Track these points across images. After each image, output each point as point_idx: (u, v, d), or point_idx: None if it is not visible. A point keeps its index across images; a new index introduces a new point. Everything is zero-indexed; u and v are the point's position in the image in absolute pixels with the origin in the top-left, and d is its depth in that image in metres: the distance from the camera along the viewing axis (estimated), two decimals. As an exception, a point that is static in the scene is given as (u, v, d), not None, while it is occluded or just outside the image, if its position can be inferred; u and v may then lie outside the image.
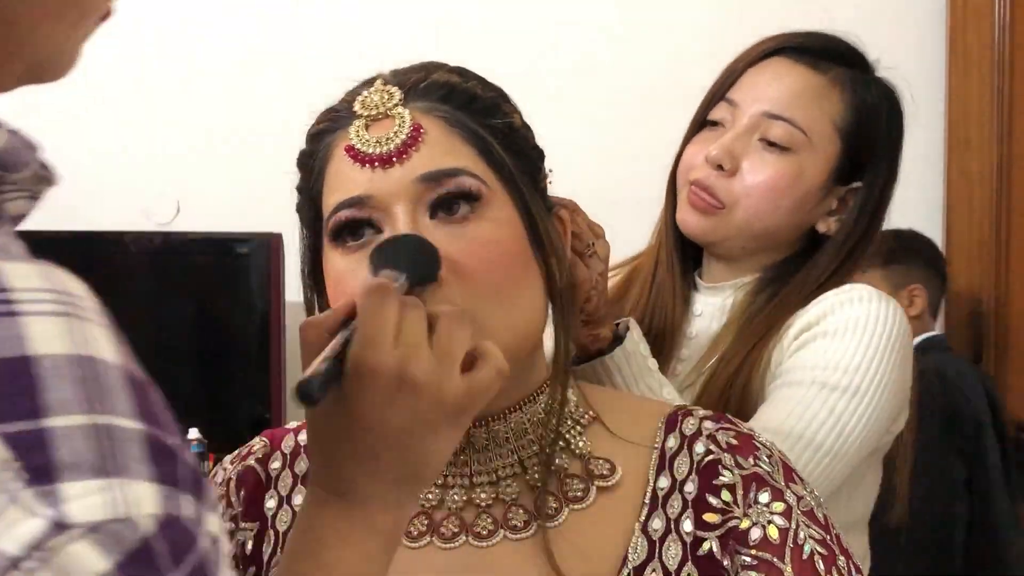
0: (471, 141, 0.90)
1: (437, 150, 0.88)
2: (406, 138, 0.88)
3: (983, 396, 2.37)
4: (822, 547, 0.90)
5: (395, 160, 0.88)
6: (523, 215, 0.91)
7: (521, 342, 0.91)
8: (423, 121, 0.89)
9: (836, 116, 1.38)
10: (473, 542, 0.93)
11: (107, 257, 2.94)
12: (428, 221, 0.88)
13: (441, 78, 0.92)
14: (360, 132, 0.90)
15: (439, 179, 0.88)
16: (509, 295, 0.89)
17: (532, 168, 0.95)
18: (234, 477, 1.02)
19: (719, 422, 0.96)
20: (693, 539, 0.90)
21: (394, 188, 0.88)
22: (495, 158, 0.90)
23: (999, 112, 2.53)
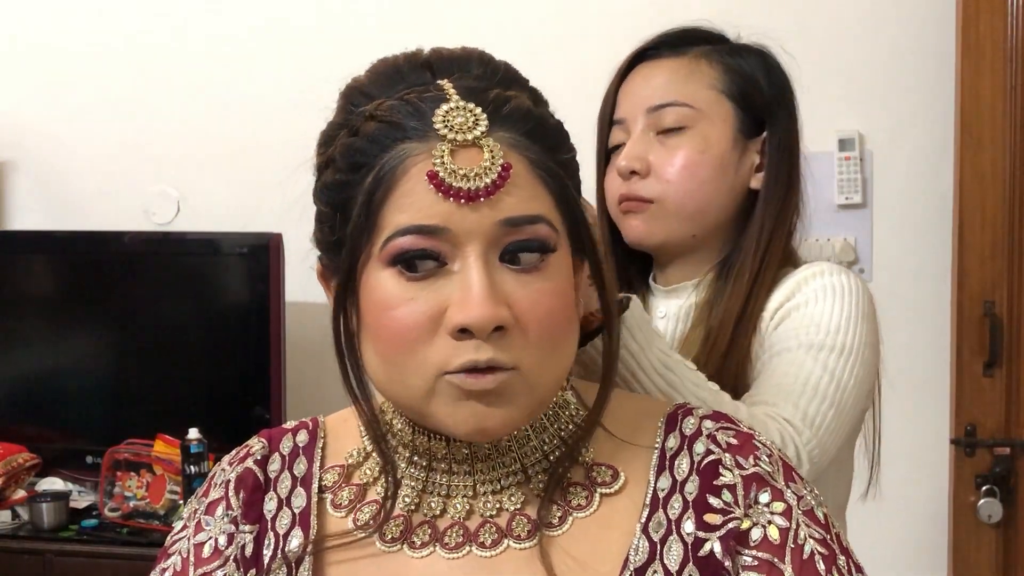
0: (550, 185, 0.88)
1: (523, 193, 0.87)
2: (496, 178, 0.86)
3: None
4: (822, 547, 0.90)
5: (482, 198, 0.85)
6: (579, 249, 0.92)
7: (553, 390, 0.92)
8: (510, 157, 0.87)
9: (713, 82, 1.43)
10: (478, 552, 0.93)
11: (107, 257, 2.94)
12: (499, 264, 0.87)
13: (522, 104, 0.89)
14: (446, 159, 0.86)
15: (521, 225, 0.86)
16: (559, 347, 0.89)
17: (577, 200, 0.94)
18: (233, 479, 1.02)
19: (719, 421, 0.96)
20: (694, 540, 0.90)
21: (475, 227, 0.86)
22: (568, 203, 0.90)
23: (1012, 109, 2.50)
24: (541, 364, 0.88)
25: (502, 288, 0.86)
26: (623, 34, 1.60)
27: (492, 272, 0.86)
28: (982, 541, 2.55)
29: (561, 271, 0.89)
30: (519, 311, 0.86)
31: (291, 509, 0.99)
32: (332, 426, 1.04)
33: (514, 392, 0.87)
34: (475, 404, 0.87)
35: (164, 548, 1.02)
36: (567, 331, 0.90)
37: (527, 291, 0.86)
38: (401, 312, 0.86)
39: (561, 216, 0.89)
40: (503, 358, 0.86)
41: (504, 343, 0.85)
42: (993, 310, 2.52)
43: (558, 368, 0.90)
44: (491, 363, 0.85)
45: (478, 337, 0.85)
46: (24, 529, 2.68)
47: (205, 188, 3.05)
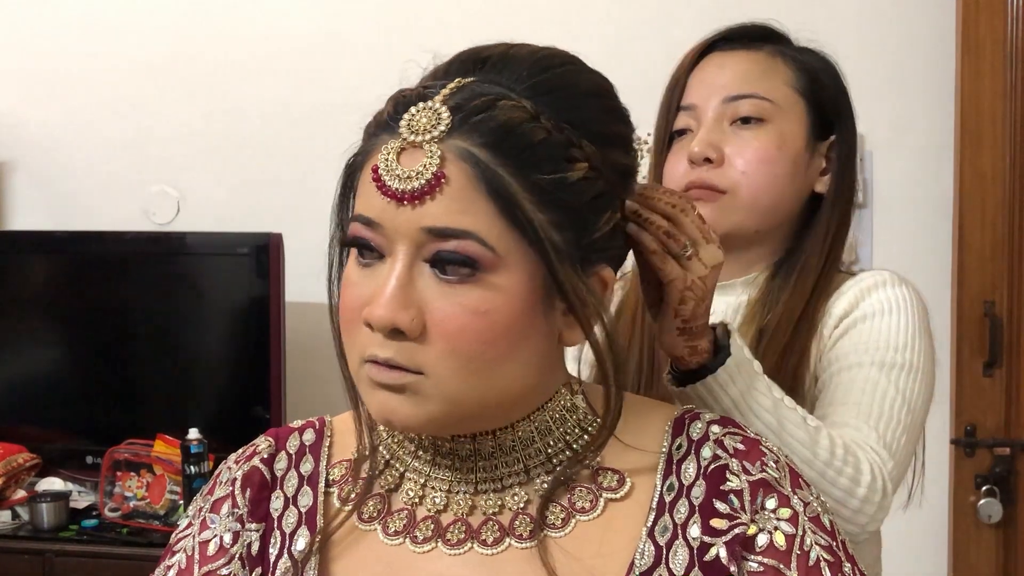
0: (495, 200, 0.85)
1: (453, 205, 0.85)
2: (425, 183, 0.85)
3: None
4: (828, 553, 0.90)
5: (407, 202, 0.86)
6: (544, 274, 0.88)
7: (495, 404, 0.91)
8: (452, 167, 0.85)
9: (789, 80, 1.42)
10: (479, 549, 0.93)
11: (107, 257, 2.94)
12: (425, 269, 0.87)
13: (502, 115, 0.87)
14: (389, 157, 0.87)
15: (444, 236, 0.85)
16: (482, 366, 0.87)
17: (582, 222, 0.90)
18: (239, 477, 1.02)
19: (726, 426, 0.96)
20: (700, 545, 0.90)
21: (401, 228, 0.86)
22: (518, 220, 0.86)
23: (1012, 109, 2.50)
24: (453, 377, 0.87)
25: (421, 294, 0.86)
26: (625, 35, 1.59)
27: (414, 275, 0.87)
28: (982, 541, 2.55)
29: (499, 289, 0.86)
30: (431, 320, 0.86)
31: (297, 508, 0.99)
32: (339, 426, 1.05)
33: (421, 395, 0.88)
34: (384, 394, 0.89)
35: (169, 546, 1.03)
36: (492, 350, 0.87)
37: (445, 302, 0.86)
38: (347, 294, 0.90)
39: (512, 235, 0.86)
40: (402, 360, 0.87)
41: (406, 346, 0.86)
42: (993, 310, 2.52)
43: (486, 384, 0.88)
44: (389, 361, 0.87)
45: (380, 334, 0.87)
46: (24, 529, 2.68)
47: (205, 188, 3.04)
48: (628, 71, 2.74)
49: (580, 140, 0.89)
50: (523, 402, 0.94)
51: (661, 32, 2.79)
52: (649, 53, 2.79)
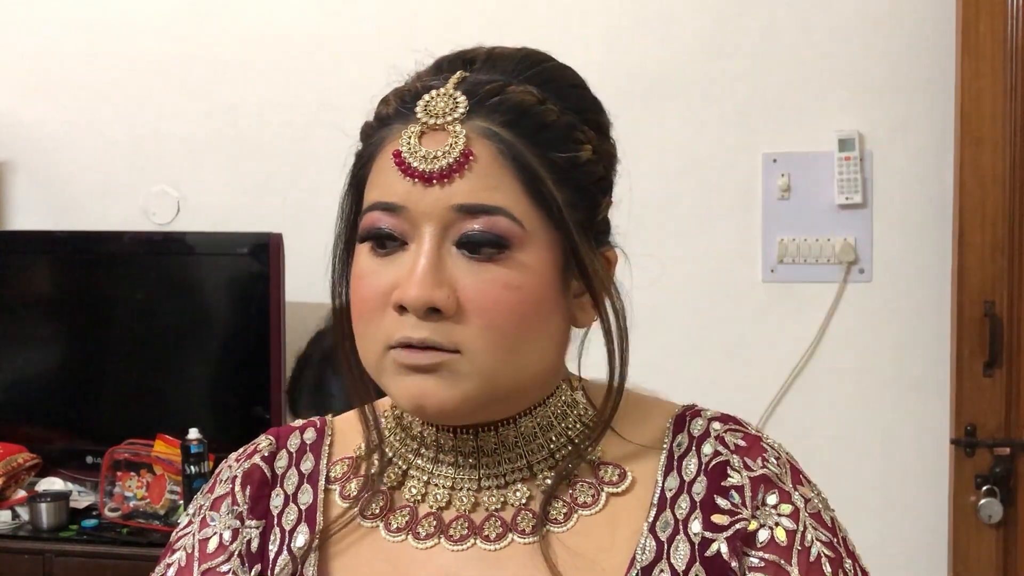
0: (521, 176, 0.88)
1: (482, 182, 0.87)
2: (453, 161, 0.87)
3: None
4: (829, 549, 0.91)
5: (436, 181, 0.87)
6: (564, 253, 0.90)
7: (523, 384, 0.92)
8: (477, 145, 0.87)
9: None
10: (482, 545, 0.93)
11: (107, 257, 2.94)
12: (453, 250, 0.88)
13: (515, 97, 0.89)
14: (412, 140, 0.88)
15: (475, 213, 0.87)
16: (516, 342, 0.88)
17: (590, 203, 0.93)
18: (239, 474, 1.02)
19: (727, 423, 0.96)
20: (701, 540, 0.91)
21: (429, 208, 0.87)
22: (543, 197, 0.88)
23: (1012, 109, 2.50)
24: (489, 352, 0.87)
25: (451, 272, 0.87)
26: (626, 36, 1.59)
27: (443, 255, 0.88)
28: (982, 541, 2.55)
29: (526, 267, 0.88)
30: (465, 297, 0.87)
31: (297, 505, 0.99)
32: (340, 425, 1.05)
33: (456, 373, 0.88)
34: (416, 378, 0.88)
35: (169, 544, 1.03)
36: (525, 324, 0.88)
37: (476, 279, 0.87)
38: (364, 285, 0.90)
39: (535, 211, 0.89)
40: (439, 339, 0.87)
41: (442, 325, 0.87)
42: (993, 310, 2.52)
43: (520, 360, 0.89)
44: (425, 342, 0.87)
45: (415, 316, 0.87)
46: (24, 529, 2.68)
47: (205, 188, 3.04)
48: (629, 71, 2.75)
49: (581, 124, 0.92)
50: (536, 389, 0.94)
51: (660, 33, 2.79)
52: (649, 53, 2.80)
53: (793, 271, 2.75)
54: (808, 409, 2.74)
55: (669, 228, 2.76)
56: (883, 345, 2.72)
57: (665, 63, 2.79)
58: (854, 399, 2.73)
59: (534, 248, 0.88)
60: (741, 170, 2.76)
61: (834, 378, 2.73)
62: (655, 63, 2.79)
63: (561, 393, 0.97)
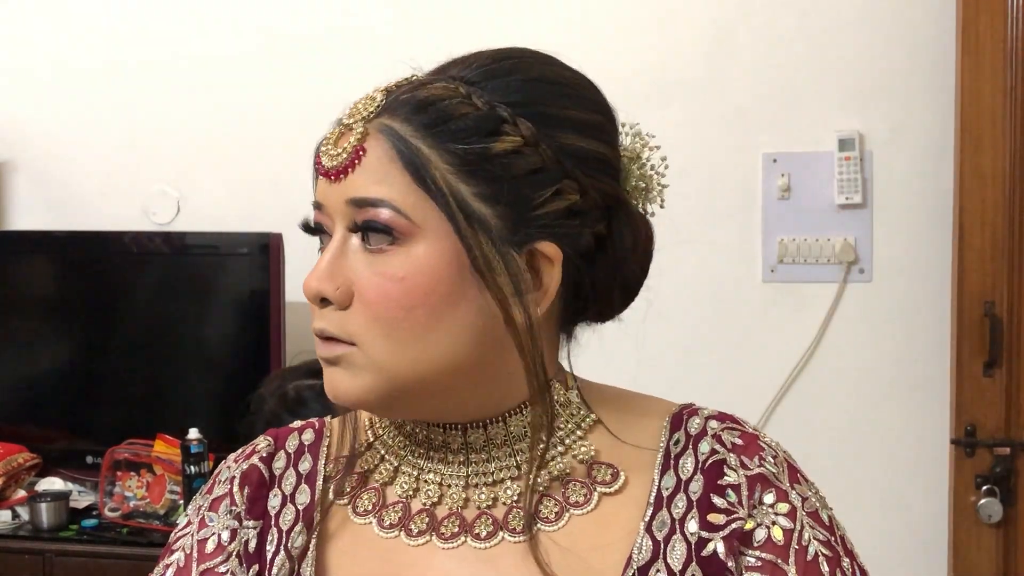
0: (408, 168, 0.89)
1: (370, 176, 0.90)
2: (346, 157, 0.91)
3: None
4: (826, 548, 0.90)
5: (334, 178, 0.91)
6: (467, 248, 0.89)
7: (433, 377, 0.91)
8: (372, 141, 0.90)
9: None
10: (473, 543, 0.93)
11: (107, 257, 2.94)
12: (356, 243, 0.91)
13: (423, 92, 0.91)
14: (329, 140, 0.93)
15: (362, 206, 0.90)
16: (407, 334, 0.89)
17: (514, 196, 0.90)
18: (238, 475, 1.02)
19: (724, 421, 0.96)
20: (698, 540, 0.90)
21: (334, 204, 0.92)
22: (430, 189, 0.89)
23: (1012, 109, 2.49)
24: (380, 344, 0.89)
25: (352, 266, 0.91)
26: (626, 36, 1.59)
27: (347, 250, 0.91)
28: (982, 541, 2.55)
29: (415, 258, 0.89)
30: (356, 290, 0.90)
31: (295, 506, 1.00)
32: (337, 426, 1.05)
33: (355, 365, 0.91)
34: (329, 369, 0.92)
35: (168, 544, 1.03)
36: (413, 317, 0.88)
37: (368, 271, 0.90)
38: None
39: (429, 204, 0.88)
40: (334, 331, 0.91)
41: (339, 316, 0.91)
42: (993, 310, 2.52)
43: (415, 351, 0.89)
44: (322, 332, 0.92)
45: (316, 307, 0.92)
46: (24, 529, 2.68)
47: (205, 188, 3.05)
48: (629, 71, 2.75)
49: (515, 118, 0.90)
50: (467, 383, 0.92)
51: (660, 33, 2.79)
52: (649, 54, 2.80)
53: (793, 271, 2.75)
54: (808, 409, 2.74)
55: (669, 228, 2.75)
56: (883, 345, 2.72)
57: (665, 63, 2.79)
58: (854, 399, 2.73)
59: (425, 241, 0.89)
60: (741, 170, 2.76)
61: (834, 378, 2.73)
62: (655, 63, 2.79)
63: (555, 392, 0.96)
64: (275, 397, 2.11)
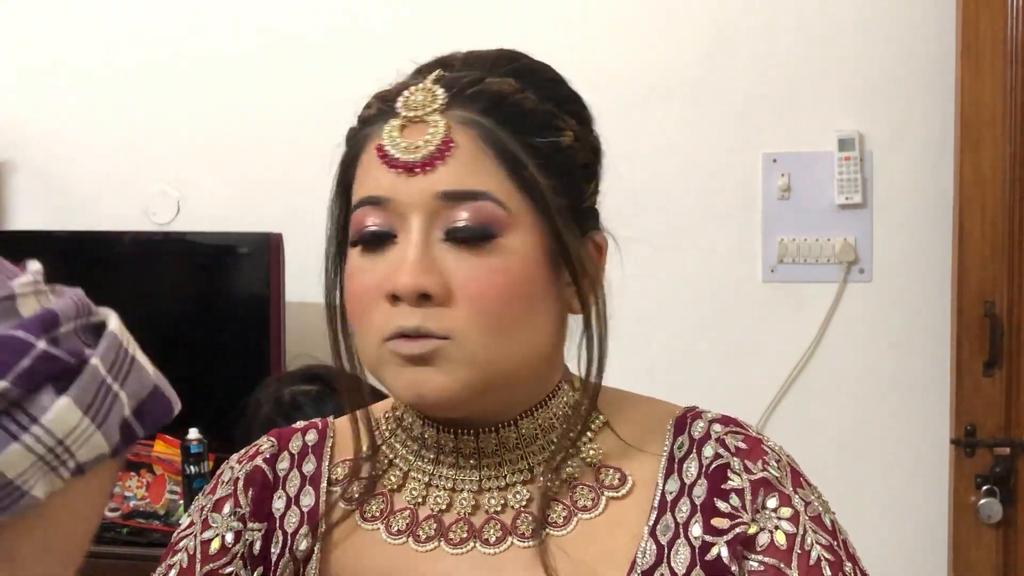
0: (503, 161, 0.89)
1: (465, 168, 0.88)
2: (434, 150, 0.88)
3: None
4: (829, 553, 0.90)
5: (418, 170, 0.88)
6: (550, 240, 0.91)
7: (518, 370, 0.91)
8: (458, 133, 0.89)
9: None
10: (481, 548, 0.93)
11: (107, 257, 2.94)
12: (441, 240, 0.89)
13: (493, 86, 0.91)
14: (393, 133, 0.90)
15: (459, 199, 0.88)
16: (506, 326, 0.89)
17: (574, 188, 0.94)
18: (242, 476, 1.02)
19: (728, 425, 0.96)
20: (702, 544, 0.90)
21: (414, 198, 0.88)
22: (526, 180, 0.89)
23: (1012, 109, 2.49)
24: (480, 338, 0.88)
25: (441, 261, 0.88)
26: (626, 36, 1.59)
27: (431, 245, 0.89)
28: (982, 541, 2.55)
29: (513, 251, 0.89)
30: (455, 284, 0.88)
31: (299, 508, 0.99)
32: (341, 427, 1.05)
33: (448, 360, 0.88)
34: (413, 370, 0.89)
35: (170, 545, 1.03)
36: (514, 308, 0.89)
37: (465, 266, 0.88)
38: (356, 282, 0.91)
39: (520, 194, 0.89)
40: (431, 326, 0.88)
41: (435, 312, 0.87)
42: (993, 310, 2.52)
43: (511, 346, 0.89)
44: (418, 330, 0.88)
45: (407, 304, 0.88)
46: (24, 529, 2.68)
47: (205, 188, 3.04)
48: (629, 71, 2.75)
49: (561, 113, 0.93)
50: (533, 378, 0.94)
51: (660, 33, 2.79)
52: (649, 54, 2.80)
53: (793, 271, 2.75)
54: (808, 409, 2.74)
55: (669, 228, 2.75)
56: (883, 345, 2.72)
57: (665, 63, 2.79)
58: (854, 399, 2.73)
59: (520, 232, 0.89)
60: (741, 170, 2.76)
61: (834, 378, 2.73)
62: (655, 63, 2.79)
63: (563, 395, 0.97)
64: (270, 402, 2.11)
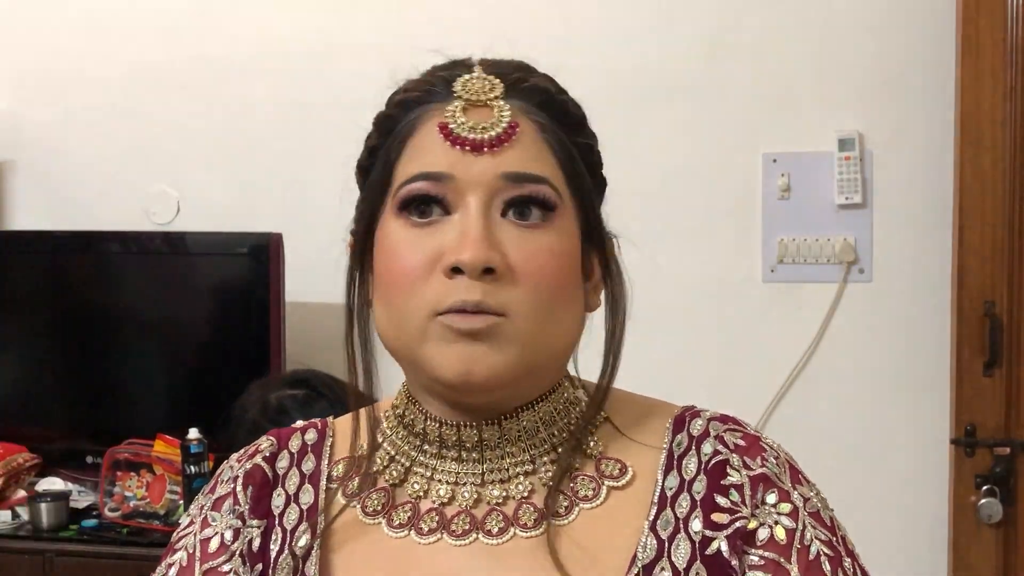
0: (558, 152, 0.93)
1: (527, 153, 0.91)
2: (502, 132, 0.91)
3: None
4: (828, 548, 0.91)
5: (486, 149, 0.90)
6: (587, 233, 0.95)
7: (549, 356, 0.93)
8: (521, 119, 0.92)
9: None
10: (484, 539, 0.94)
11: (107, 257, 2.94)
12: (499, 218, 0.91)
13: (540, 83, 0.95)
14: (457, 114, 0.92)
15: (523, 181, 0.90)
16: (554, 308, 0.91)
17: (600, 190, 0.99)
18: (241, 475, 1.02)
19: (726, 423, 0.97)
20: (702, 538, 0.91)
21: (478, 176, 0.90)
22: (576, 173, 0.93)
23: (1012, 110, 2.49)
24: (532, 316, 0.89)
25: (499, 237, 0.90)
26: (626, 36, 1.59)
27: (491, 222, 0.90)
28: (982, 541, 2.55)
29: (563, 235, 0.92)
30: (513, 260, 0.89)
31: (299, 505, 1.00)
32: (341, 426, 1.05)
33: (503, 338, 0.89)
34: (464, 346, 0.89)
35: (170, 544, 1.03)
36: (563, 292, 0.92)
37: (524, 243, 0.90)
38: (403, 254, 0.91)
39: (567, 187, 0.93)
40: (491, 302, 0.88)
41: (494, 287, 0.88)
42: (993, 310, 2.52)
43: (555, 328, 0.92)
44: (479, 306, 0.88)
45: (469, 277, 0.88)
46: (24, 529, 2.68)
47: (205, 188, 3.05)
48: (629, 71, 2.75)
49: (587, 122, 0.98)
50: (554, 369, 0.96)
51: (660, 33, 2.79)
52: (649, 54, 2.80)
53: (793, 271, 2.75)
54: (808, 409, 2.74)
55: (669, 228, 2.76)
56: (883, 345, 2.72)
57: (665, 63, 2.79)
58: (854, 399, 2.73)
59: (566, 220, 0.93)
60: (741, 170, 2.76)
61: (834, 378, 2.74)
62: (655, 63, 2.79)
63: (564, 390, 0.98)
64: (257, 407, 2.11)
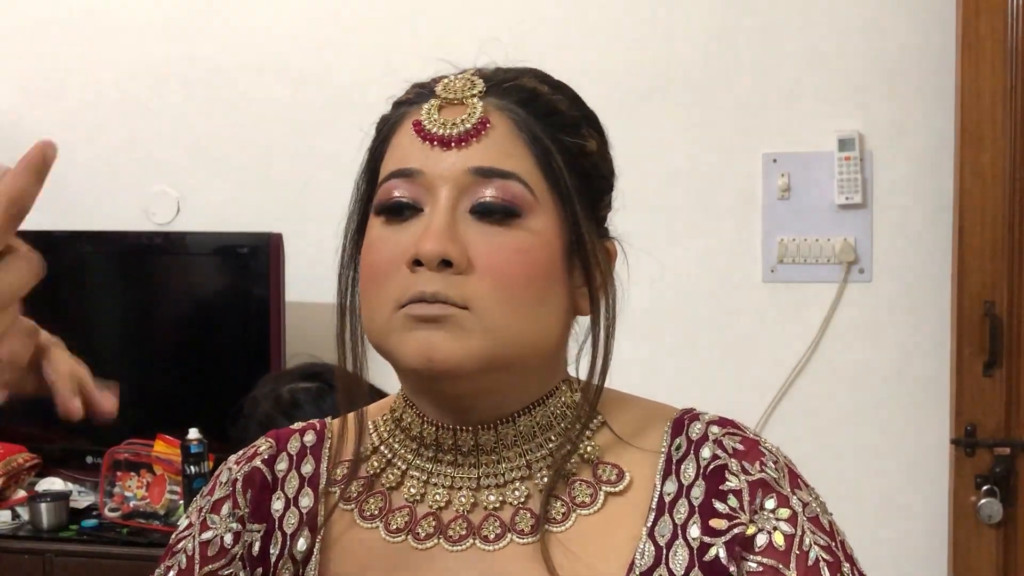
0: (533, 148, 0.92)
1: (497, 149, 0.91)
2: (471, 127, 0.91)
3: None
4: (827, 553, 0.90)
5: (454, 145, 0.91)
6: (569, 232, 0.93)
7: (528, 353, 0.92)
8: (493, 116, 0.92)
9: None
10: (480, 545, 0.93)
11: (107, 257, 2.94)
12: (467, 215, 0.91)
13: (528, 84, 0.95)
14: (431, 111, 0.93)
15: (490, 176, 0.90)
16: (522, 303, 0.90)
17: (594, 193, 0.97)
18: (240, 478, 1.02)
19: (725, 427, 0.96)
20: (700, 545, 0.90)
21: (446, 171, 0.91)
22: (553, 170, 0.93)
23: (1012, 109, 2.49)
24: (498, 311, 0.89)
25: (465, 232, 0.90)
26: (626, 36, 1.59)
27: (457, 217, 0.90)
28: (982, 541, 2.55)
29: (536, 233, 0.91)
30: (476, 255, 0.90)
31: (298, 509, 1.00)
32: (339, 428, 1.05)
33: (464, 328, 0.89)
34: (424, 332, 0.89)
35: (169, 546, 1.03)
36: (534, 290, 0.91)
37: (488, 240, 0.90)
38: (376, 251, 0.93)
39: (546, 184, 0.92)
40: (451, 293, 0.89)
41: (456, 280, 0.89)
42: (993, 310, 2.52)
43: (529, 325, 0.91)
44: (437, 296, 0.89)
45: (428, 269, 0.89)
46: (24, 529, 2.68)
47: (205, 188, 3.05)
48: (629, 71, 2.75)
49: (586, 123, 0.97)
50: (537, 368, 0.95)
51: (661, 33, 2.79)
52: (649, 54, 2.80)
53: (793, 271, 2.75)
54: (808, 409, 2.74)
55: (669, 228, 2.76)
56: (883, 345, 2.72)
57: (665, 63, 2.79)
58: (854, 399, 2.73)
59: (543, 217, 0.92)
60: (741, 170, 2.76)
61: (834, 378, 2.74)
62: (655, 63, 2.79)
63: (561, 394, 0.97)
64: (269, 399, 2.11)
